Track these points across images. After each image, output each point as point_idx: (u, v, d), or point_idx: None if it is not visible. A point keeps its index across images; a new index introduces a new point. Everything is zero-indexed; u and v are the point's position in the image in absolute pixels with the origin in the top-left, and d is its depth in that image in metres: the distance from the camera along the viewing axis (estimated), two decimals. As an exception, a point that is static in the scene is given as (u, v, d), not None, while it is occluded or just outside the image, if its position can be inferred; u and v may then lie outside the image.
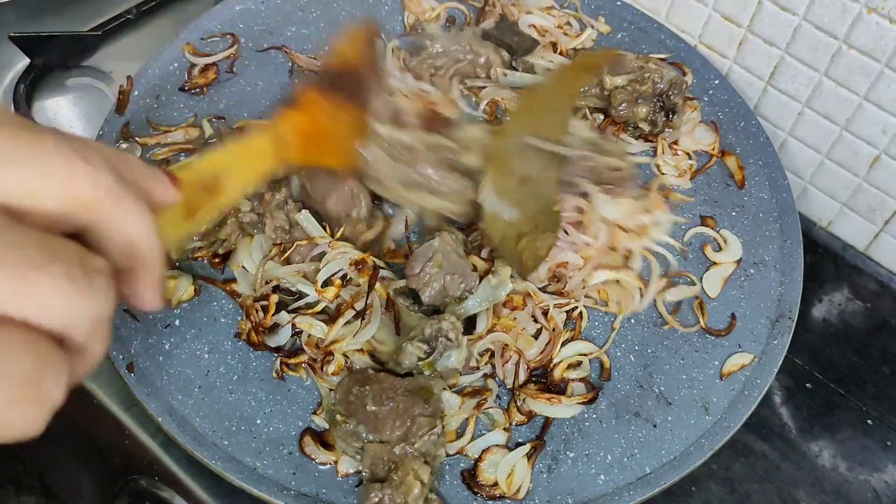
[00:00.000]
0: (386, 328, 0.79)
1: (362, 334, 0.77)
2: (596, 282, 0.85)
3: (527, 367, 0.80)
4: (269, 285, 0.80)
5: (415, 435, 0.71)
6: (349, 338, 0.77)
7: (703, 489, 0.85)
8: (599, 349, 0.82)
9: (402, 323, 0.79)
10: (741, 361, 0.82)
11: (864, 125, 0.96)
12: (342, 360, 0.77)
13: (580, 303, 0.84)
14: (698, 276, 0.88)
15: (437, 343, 0.75)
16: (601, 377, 0.81)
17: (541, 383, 0.79)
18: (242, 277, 0.81)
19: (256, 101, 0.97)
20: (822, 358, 0.98)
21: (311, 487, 0.71)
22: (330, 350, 0.77)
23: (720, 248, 0.91)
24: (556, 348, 0.81)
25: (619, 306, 0.85)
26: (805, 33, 0.96)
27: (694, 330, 0.84)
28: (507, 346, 0.80)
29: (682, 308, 0.86)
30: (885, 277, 1.03)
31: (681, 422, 0.78)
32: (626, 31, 1.11)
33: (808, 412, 0.93)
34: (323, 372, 0.77)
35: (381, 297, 0.79)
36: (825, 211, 1.06)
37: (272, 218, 0.82)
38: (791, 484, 0.87)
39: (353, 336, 0.77)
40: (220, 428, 0.73)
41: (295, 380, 0.77)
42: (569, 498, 0.73)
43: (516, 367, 0.79)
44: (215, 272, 0.83)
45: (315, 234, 0.82)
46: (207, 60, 0.98)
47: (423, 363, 0.74)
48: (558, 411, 0.77)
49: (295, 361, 0.77)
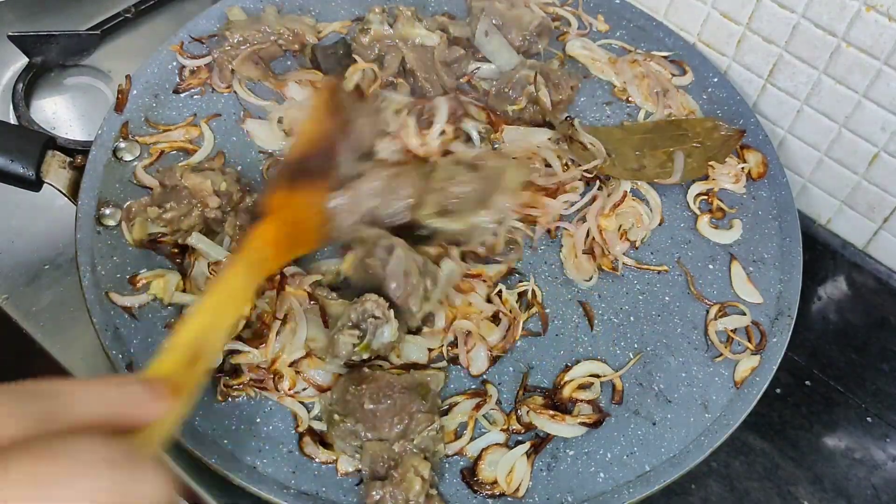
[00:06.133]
0: (314, 324, 0.78)
1: (295, 341, 0.76)
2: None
3: (489, 353, 0.79)
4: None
5: (413, 431, 0.71)
6: (287, 348, 0.76)
7: (703, 487, 0.85)
8: (614, 372, 0.81)
9: (328, 315, 0.78)
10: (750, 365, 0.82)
11: (863, 123, 0.96)
12: (293, 374, 0.76)
13: (530, 283, 0.84)
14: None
15: (366, 324, 0.74)
16: (612, 399, 0.79)
17: (547, 399, 0.78)
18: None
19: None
20: (822, 355, 0.98)
21: (311, 486, 0.71)
22: (276, 370, 0.75)
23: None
24: (518, 331, 0.81)
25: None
26: (804, 31, 0.96)
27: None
28: (470, 334, 0.80)
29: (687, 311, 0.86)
30: (884, 275, 1.03)
31: (680, 420, 0.78)
32: (626, 30, 1.11)
33: (808, 410, 0.94)
34: (279, 391, 0.75)
35: (301, 297, 0.78)
36: (824, 208, 1.06)
37: (236, 216, 0.82)
38: (790, 481, 0.87)
39: (290, 345, 0.76)
40: (220, 427, 0.73)
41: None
42: (568, 496, 0.73)
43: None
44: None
45: (213, 256, 0.80)
46: (198, 63, 0.98)
47: (359, 348, 0.73)
48: (559, 429, 0.77)
49: (236, 382, 0.75)
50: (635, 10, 1.12)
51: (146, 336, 0.77)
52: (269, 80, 0.97)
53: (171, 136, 0.92)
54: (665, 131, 0.99)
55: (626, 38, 1.10)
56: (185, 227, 0.81)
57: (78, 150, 0.93)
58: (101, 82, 1.09)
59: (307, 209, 0.76)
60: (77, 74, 1.10)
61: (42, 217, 0.97)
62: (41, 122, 1.03)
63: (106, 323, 0.77)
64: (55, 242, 0.95)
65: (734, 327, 0.85)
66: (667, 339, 0.84)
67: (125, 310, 0.78)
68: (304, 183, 0.76)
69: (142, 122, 0.92)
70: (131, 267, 0.81)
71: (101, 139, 0.90)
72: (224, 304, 0.62)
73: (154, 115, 0.93)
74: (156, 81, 0.96)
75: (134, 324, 0.78)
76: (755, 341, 0.84)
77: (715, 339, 0.84)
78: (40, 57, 1.07)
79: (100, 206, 0.84)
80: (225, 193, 0.82)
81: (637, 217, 0.92)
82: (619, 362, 0.82)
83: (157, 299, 0.79)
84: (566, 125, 0.95)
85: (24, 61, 1.07)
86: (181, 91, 0.96)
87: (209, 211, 0.81)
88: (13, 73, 1.09)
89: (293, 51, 1.01)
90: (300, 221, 0.75)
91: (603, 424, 0.77)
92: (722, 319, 0.85)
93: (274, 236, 0.71)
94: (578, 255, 0.88)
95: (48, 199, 0.93)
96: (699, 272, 0.89)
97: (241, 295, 0.65)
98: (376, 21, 0.99)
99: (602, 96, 1.03)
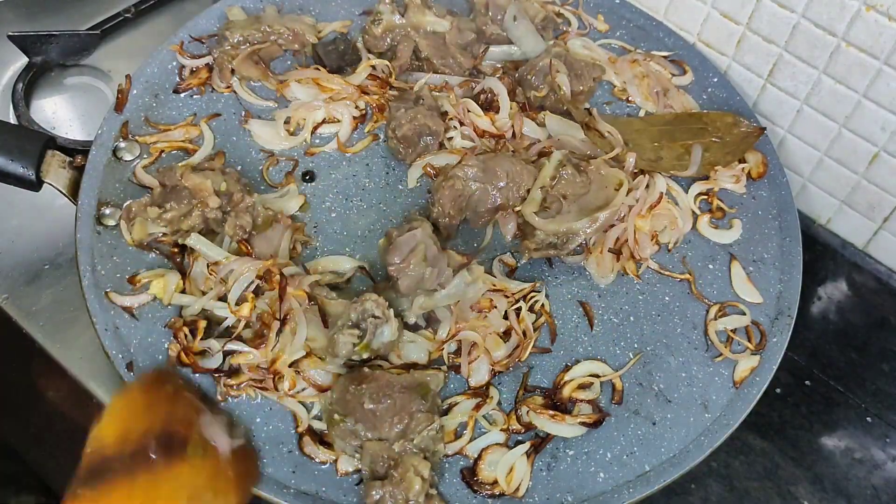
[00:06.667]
0: (314, 324, 0.77)
1: (295, 341, 0.76)
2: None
3: (491, 368, 0.79)
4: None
5: (413, 431, 0.71)
6: (288, 348, 0.76)
7: (703, 487, 0.85)
8: (614, 371, 0.81)
9: (327, 315, 0.78)
10: (750, 365, 0.82)
11: (863, 122, 0.96)
12: (293, 374, 0.75)
13: (541, 294, 0.83)
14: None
15: (366, 324, 0.74)
16: (612, 399, 0.79)
17: (547, 398, 0.78)
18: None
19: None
20: (822, 355, 0.98)
21: (311, 486, 0.71)
22: (276, 370, 0.75)
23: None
24: (527, 352, 0.79)
25: None
26: (804, 31, 0.96)
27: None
28: (475, 345, 0.79)
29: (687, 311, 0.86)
30: (884, 275, 1.03)
31: (680, 420, 0.78)
32: (625, 29, 1.11)
33: (808, 409, 0.94)
34: (279, 391, 0.75)
35: (301, 297, 0.78)
36: (824, 208, 1.06)
37: (236, 216, 0.82)
38: (790, 481, 0.87)
39: (290, 346, 0.76)
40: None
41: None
42: (568, 495, 0.73)
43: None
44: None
45: (212, 257, 0.80)
46: (198, 62, 0.98)
47: (359, 347, 0.73)
48: (559, 429, 0.77)
49: (236, 381, 0.75)
50: (635, 9, 1.12)
51: (146, 336, 0.77)
52: (268, 80, 0.97)
53: (171, 135, 0.92)
54: (685, 124, 0.99)
55: (626, 37, 1.10)
56: (185, 228, 0.81)
57: (78, 149, 0.93)
58: (101, 82, 1.09)
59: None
60: (77, 74, 1.10)
61: (42, 217, 0.97)
62: (41, 121, 1.03)
63: (106, 323, 0.77)
64: (55, 242, 0.95)
65: (734, 327, 0.85)
66: (667, 339, 0.84)
67: (125, 310, 0.78)
68: (130, 475, 0.66)
69: (142, 122, 0.92)
70: (131, 267, 0.81)
71: (101, 139, 0.90)
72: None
73: (154, 115, 0.93)
74: (156, 81, 0.96)
75: (134, 324, 0.78)
76: (755, 341, 0.84)
77: (715, 339, 0.84)
78: (40, 57, 1.07)
79: (100, 206, 0.84)
80: (225, 194, 0.82)
81: (672, 219, 0.91)
82: (619, 362, 0.82)
83: (157, 299, 0.79)
84: (584, 113, 0.95)
85: (23, 61, 1.07)
86: (181, 91, 0.96)
87: (209, 211, 0.81)
88: (13, 72, 1.09)
89: (293, 50, 1.01)
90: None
91: (603, 424, 0.77)
92: (722, 319, 0.85)
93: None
94: (604, 251, 0.87)
95: (48, 199, 0.93)
96: (699, 272, 0.89)
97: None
98: (387, 11, 1.00)
99: (602, 96, 1.03)
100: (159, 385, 0.72)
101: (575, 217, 0.83)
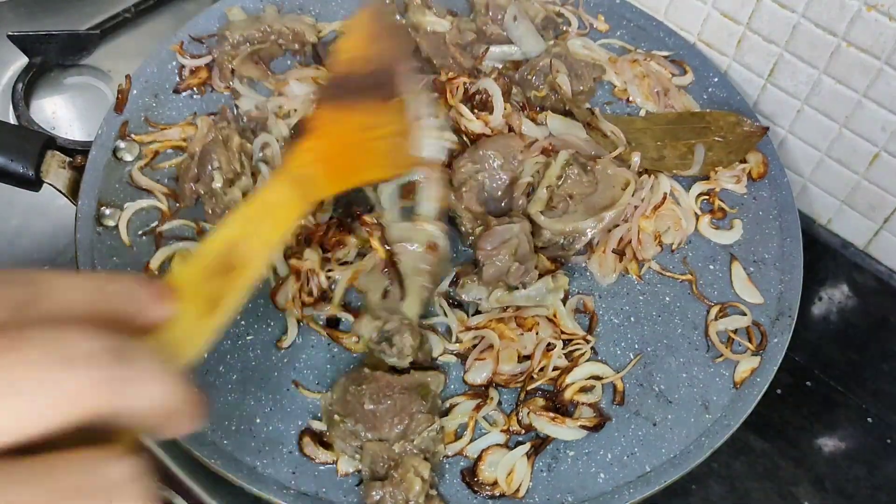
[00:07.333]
0: (376, 280, 0.79)
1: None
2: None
3: (491, 376, 0.78)
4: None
5: (413, 432, 0.71)
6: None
7: (704, 487, 0.85)
8: (615, 373, 0.80)
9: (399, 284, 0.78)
10: (751, 365, 0.82)
11: (864, 122, 0.96)
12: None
13: (587, 346, 0.81)
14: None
15: (383, 343, 0.75)
16: (614, 400, 0.79)
17: (548, 400, 0.78)
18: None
19: (255, 100, 0.97)
20: (822, 356, 0.98)
21: (311, 487, 0.71)
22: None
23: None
24: (528, 386, 0.78)
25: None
26: (804, 31, 0.96)
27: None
28: (490, 348, 0.79)
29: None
30: (884, 275, 1.03)
31: (681, 420, 0.78)
32: (626, 29, 1.11)
33: (809, 410, 0.94)
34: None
35: (382, 257, 0.79)
36: (825, 208, 1.06)
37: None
38: (791, 482, 0.87)
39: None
40: (220, 427, 0.73)
41: (295, 379, 0.77)
42: (569, 496, 0.73)
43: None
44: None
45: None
46: (198, 62, 0.98)
47: (373, 347, 0.75)
48: (559, 432, 0.76)
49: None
50: (635, 9, 1.12)
51: (146, 336, 0.77)
52: (268, 80, 0.97)
53: (167, 134, 0.91)
54: (688, 123, 0.98)
55: (627, 37, 1.10)
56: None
57: (78, 149, 0.93)
58: (100, 82, 1.09)
59: (364, 130, 0.69)
60: (77, 74, 1.10)
61: (42, 217, 0.97)
62: (41, 121, 1.03)
63: (106, 323, 0.77)
64: (55, 242, 0.95)
65: (735, 328, 0.85)
66: (667, 340, 0.84)
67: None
68: (355, 102, 0.69)
69: (141, 122, 0.92)
70: (131, 267, 0.81)
71: (100, 139, 0.89)
72: (262, 216, 0.55)
73: (154, 115, 0.93)
74: (155, 81, 0.96)
75: (134, 324, 0.78)
76: (756, 342, 0.84)
77: (715, 340, 0.84)
78: (40, 57, 1.07)
79: (100, 206, 0.84)
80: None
81: (675, 220, 0.90)
82: (619, 363, 0.82)
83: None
84: (586, 112, 0.95)
85: (23, 61, 1.07)
86: (181, 91, 0.96)
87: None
88: (13, 72, 1.09)
89: (293, 50, 1.01)
90: (354, 143, 0.68)
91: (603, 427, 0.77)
92: (722, 320, 0.85)
93: (322, 153, 0.63)
94: (607, 251, 0.87)
95: (48, 199, 0.93)
96: (700, 272, 0.89)
97: (284, 210, 0.57)
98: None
99: (602, 96, 1.03)
100: (379, 18, 0.76)
101: (581, 217, 0.83)
